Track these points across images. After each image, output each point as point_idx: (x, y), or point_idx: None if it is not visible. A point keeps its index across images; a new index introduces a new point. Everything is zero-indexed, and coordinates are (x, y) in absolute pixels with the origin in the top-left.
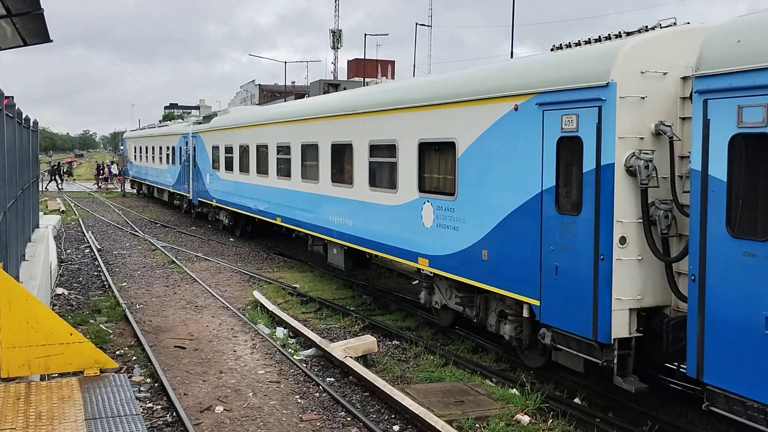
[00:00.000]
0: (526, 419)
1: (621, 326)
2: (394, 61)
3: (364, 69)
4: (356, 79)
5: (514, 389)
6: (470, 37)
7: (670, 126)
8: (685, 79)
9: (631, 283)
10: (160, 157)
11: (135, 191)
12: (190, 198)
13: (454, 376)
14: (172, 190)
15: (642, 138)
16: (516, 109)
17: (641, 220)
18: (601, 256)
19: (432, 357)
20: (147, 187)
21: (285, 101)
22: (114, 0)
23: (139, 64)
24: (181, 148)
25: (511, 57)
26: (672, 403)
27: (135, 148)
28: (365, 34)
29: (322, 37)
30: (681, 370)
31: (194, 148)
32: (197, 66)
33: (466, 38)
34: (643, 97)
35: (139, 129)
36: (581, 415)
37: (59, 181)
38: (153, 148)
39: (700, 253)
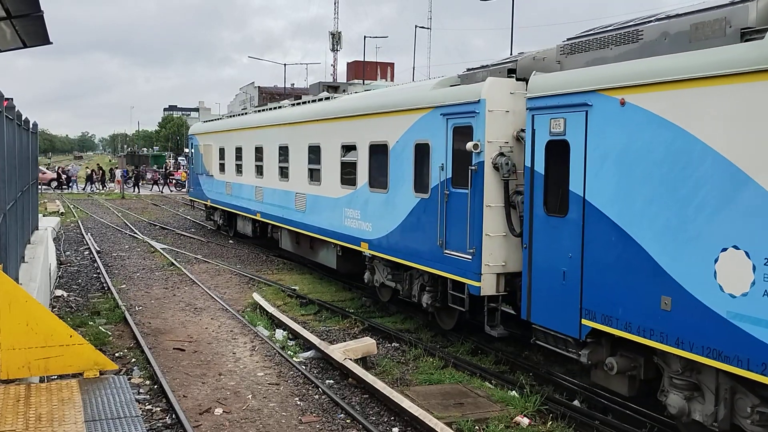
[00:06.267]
0: (525, 421)
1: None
2: (393, 64)
3: (363, 71)
4: (356, 81)
5: (514, 391)
6: (474, 40)
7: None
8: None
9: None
10: (314, 171)
11: (214, 225)
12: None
13: (453, 378)
14: (371, 253)
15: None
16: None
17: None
18: None
19: (431, 359)
20: (253, 223)
21: None
22: (135, 8)
23: (153, 68)
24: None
25: None
26: None
27: (223, 150)
28: (365, 36)
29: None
30: None
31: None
32: (207, 70)
33: (469, 42)
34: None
35: (231, 115)
36: (581, 417)
37: (163, 184)
38: (286, 149)
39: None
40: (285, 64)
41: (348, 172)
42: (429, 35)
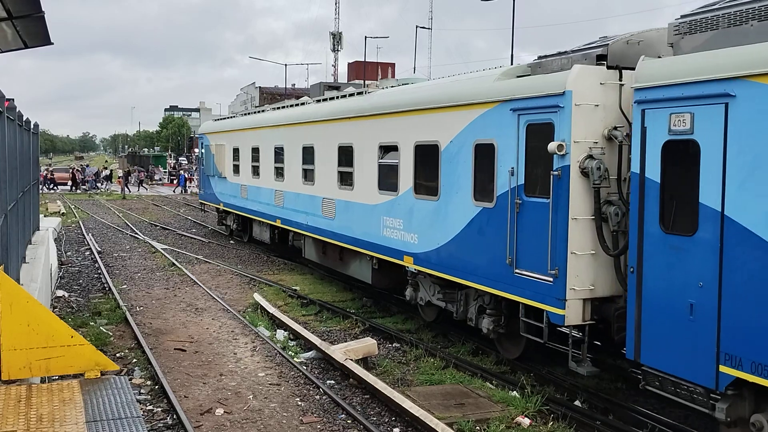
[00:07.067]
0: (526, 422)
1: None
2: (394, 64)
3: (364, 72)
4: (357, 81)
5: (515, 392)
6: (475, 41)
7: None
8: None
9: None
10: (345, 174)
11: (227, 229)
12: None
13: (454, 378)
14: (417, 268)
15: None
16: None
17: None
18: None
19: (432, 360)
20: (272, 229)
21: None
22: (139, 10)
23: (155, 69)
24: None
25: (512, 62)
26: (673, 406)
27: (237, 150)
28: (365, 37)
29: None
30: None
31: None
32: (209, 71)
33: (470, 43)
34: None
35: (245, 113)
36: (581, 417)
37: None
38: (311, 150)
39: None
40: (286, 65)
41: (387, 176)
42: (430, 36)
